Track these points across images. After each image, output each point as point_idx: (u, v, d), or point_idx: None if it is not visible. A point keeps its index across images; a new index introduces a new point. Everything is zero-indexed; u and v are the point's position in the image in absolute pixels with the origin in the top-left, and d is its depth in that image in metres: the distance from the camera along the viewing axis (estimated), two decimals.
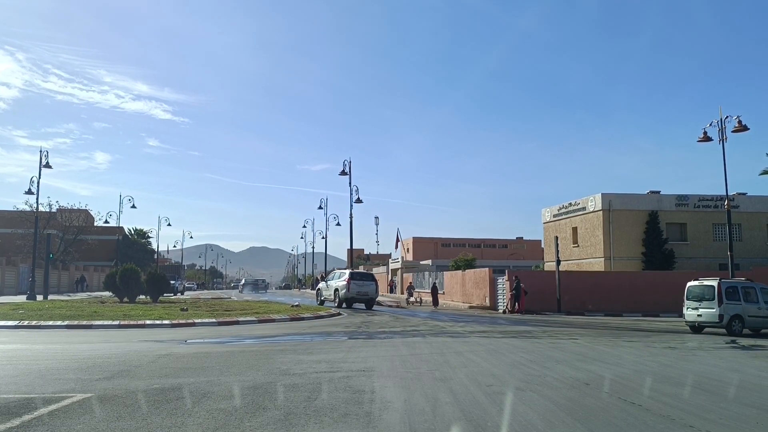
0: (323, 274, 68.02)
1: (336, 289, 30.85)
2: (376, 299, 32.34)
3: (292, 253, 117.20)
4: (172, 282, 41.39)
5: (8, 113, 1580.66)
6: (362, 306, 30.16)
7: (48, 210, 55.00)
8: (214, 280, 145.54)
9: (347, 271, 32.00)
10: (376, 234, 78.25)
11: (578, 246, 41.16)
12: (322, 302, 32.73)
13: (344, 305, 29.68)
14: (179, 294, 51.03)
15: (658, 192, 40.76)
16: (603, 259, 38.14)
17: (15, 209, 56.44)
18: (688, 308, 19.64)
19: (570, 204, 42.70)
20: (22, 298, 33.85)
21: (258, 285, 71.70)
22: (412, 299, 38.90)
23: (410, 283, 45.20)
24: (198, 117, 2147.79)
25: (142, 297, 31.03)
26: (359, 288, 30.06)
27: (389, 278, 59.30)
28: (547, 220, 45.92)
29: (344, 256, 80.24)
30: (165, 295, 34.92)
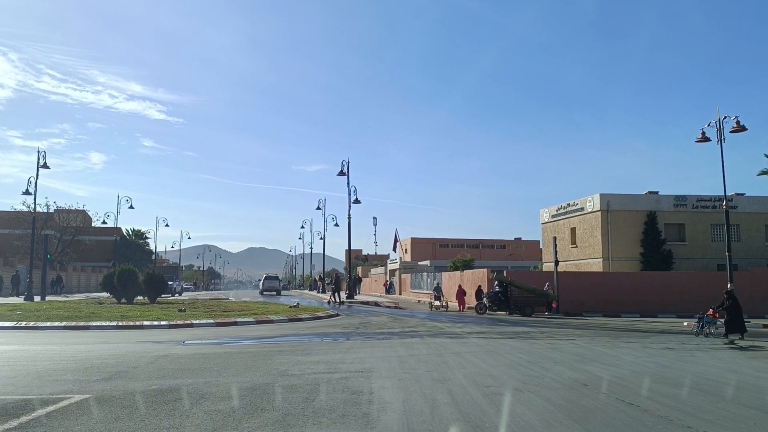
0: (321, 275, 68.26)
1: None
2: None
3: (290, 254, 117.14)
4: (170, 283, 41.32)
5: (2, 114, 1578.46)
6: (361, 307, 32.23)
7: (45, 211, 54.96)
8: (213, 280, 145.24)
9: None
10: (374, 234, 77.91)
11: (576, 246, 41.19)
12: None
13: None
14: (177, 295, 50.97)
15: (657, 192, 40.78)
16: (601, 259, 38.16)
17: (12, 210, 56.42)
18: None
19: (568, 204, 42.72)
20: (19, 299, 33.80)
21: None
22: (437, 303, 32.44)
23: (437, 283, 37.99)
24: (192, 117, 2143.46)
25: (140, 298, 30.96)
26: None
27: (387, 279, 59.23)
28: (546, 220, 45.94)
29: (342, 257, 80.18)
30: (163, 296, 34.86)
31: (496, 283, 29.66)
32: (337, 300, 34.59)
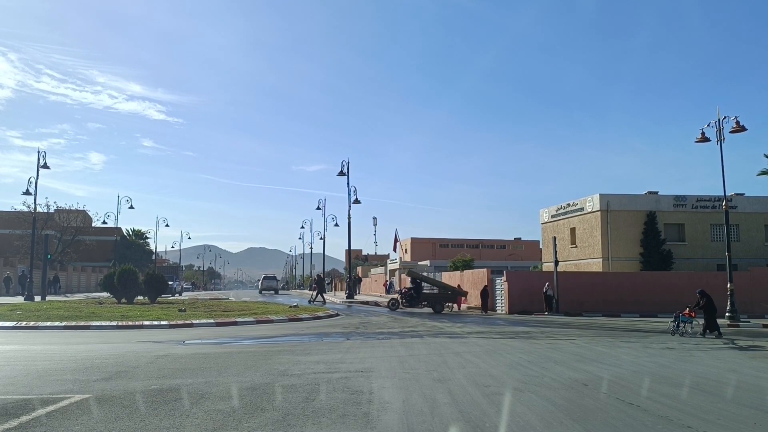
0: (321, 275, 68.29)
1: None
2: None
3: (290, 254, 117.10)
4: (170, 283, 41.33)
5: (1, 114, 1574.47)
6: (361, 307, 32.38)
7: (45, 211, 54.92)
8: (213, 280, 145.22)
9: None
10: (374, 234, 77.97)
11: (576, 246, 41.18)
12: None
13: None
14: (177, 295, 50.98)
15: (656, 192, 40.77)
16: (601, 259, 38.15)
17: (12, 210, 56.39)
18: None
19: (568, 204, 42.70)
20: (20, 299, 33.81)
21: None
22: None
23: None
24: (192, 117, 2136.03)
25: (140, 298, 30.98)
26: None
27: (387, 279, 59.19)
28: (545, 220, 45.93)
29: (342, 257, 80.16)
30: (163, 296, 34.88)
31: (409, 279, 31.03)
32: (320, 299, 35.20)
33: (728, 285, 23.58)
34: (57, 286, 47.33)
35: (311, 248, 74.21)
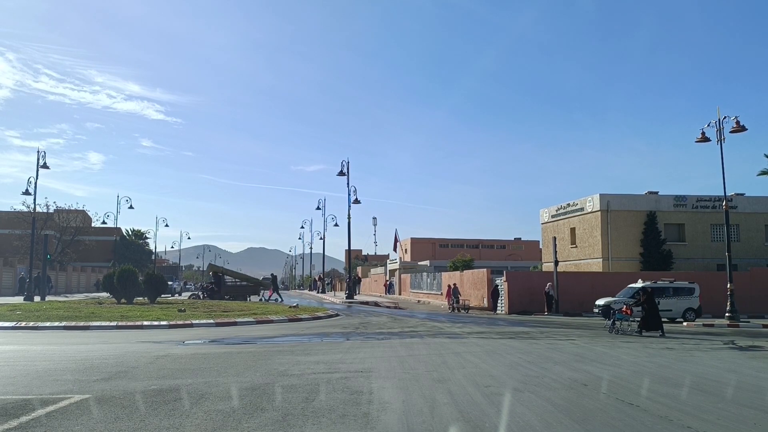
0: (321, 276, 68.42)
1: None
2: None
3: (290, 254, 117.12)
4: (169, 283, 41.33)
5: (0, 114, 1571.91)
6: (360, 307, 32.79)
7: (45, 211, 54.87)
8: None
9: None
10: (374, 234, 78.08)
11: (576, 247, 41.18)
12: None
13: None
14: (177, 295, 51.00)
15: (656, 192, 40.77)
16: (601, 259, 38.14)
17: (12, 210, 56.37)
18: None
19: (568, 205, 42.70)
20: (19, 299, 33.79)
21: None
22: (457, 304, 31.10)
23: (454, 284, 33.86)
24: (191, 117, 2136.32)
25: (140, 298, 30.95)
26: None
27: (387, 279, 59.20)
28: (546, 220, 45.93)
29: (342, 257, 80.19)
30: (163, 296, 34.87)
31: (211, 273, 32.91)
32: (275, 297, 37.22)
33: (728, 285, 23.57)
34: (49, 285, 47.30)
35: (311, 248, 74.22)
